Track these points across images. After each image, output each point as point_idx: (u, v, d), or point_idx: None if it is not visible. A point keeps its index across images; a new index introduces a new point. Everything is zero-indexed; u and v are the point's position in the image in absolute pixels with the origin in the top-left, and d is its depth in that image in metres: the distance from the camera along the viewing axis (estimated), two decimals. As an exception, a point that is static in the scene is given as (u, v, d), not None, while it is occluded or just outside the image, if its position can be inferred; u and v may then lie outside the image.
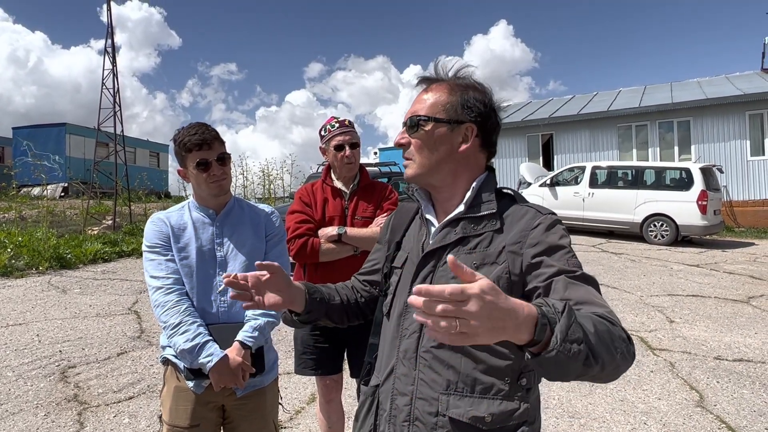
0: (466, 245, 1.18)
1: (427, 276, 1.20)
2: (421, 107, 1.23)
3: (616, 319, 0.97)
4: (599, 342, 0.87)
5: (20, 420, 3.44)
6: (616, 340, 0.92)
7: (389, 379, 1.22)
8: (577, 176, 13.27)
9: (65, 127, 23.46)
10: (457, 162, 1.23)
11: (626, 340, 0.95)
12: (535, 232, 1.13)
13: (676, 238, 11.46)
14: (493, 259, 1.14)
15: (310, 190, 2.62)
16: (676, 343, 5.00)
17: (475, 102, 1.22)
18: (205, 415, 1.87)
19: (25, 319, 5.87)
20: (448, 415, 1.11)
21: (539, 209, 1.19)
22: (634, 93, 20.22)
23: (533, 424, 1.15)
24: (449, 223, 1.22)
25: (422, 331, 1.17)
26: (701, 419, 3.46)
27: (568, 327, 0.82)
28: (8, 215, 13.63)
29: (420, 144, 1.23)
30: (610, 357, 0.88)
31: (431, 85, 1.27)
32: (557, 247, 1.11)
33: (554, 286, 1.06)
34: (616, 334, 0.93)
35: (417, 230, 1.32)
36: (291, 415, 3.58)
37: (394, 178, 11.53)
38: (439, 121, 1.21)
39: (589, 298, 1.03)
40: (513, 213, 1.19)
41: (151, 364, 4.50)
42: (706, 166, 12.04)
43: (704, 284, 7.56)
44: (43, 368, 4.38)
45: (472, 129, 1.22)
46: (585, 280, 1.07)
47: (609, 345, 0.89)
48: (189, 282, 1.87)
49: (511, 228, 1.16)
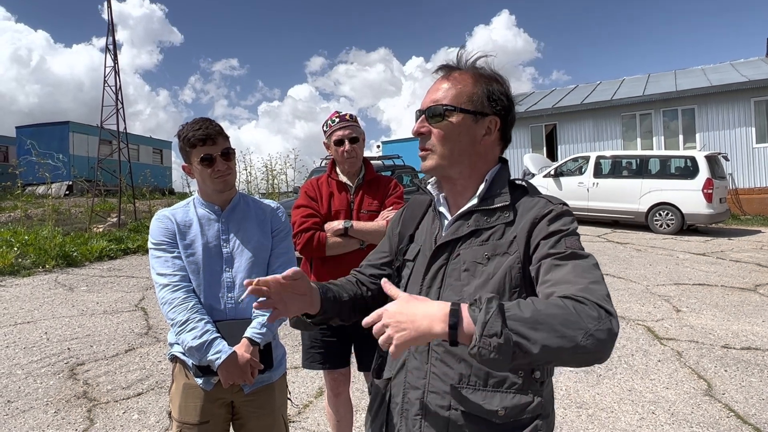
0: (478, 237, 1.17)
1: (440, 268, 1.19)
2: (444, 96, 1.19)
3: (589, 297, 0.93)
4: (534, 329, 0.86)
5: (30, 417, 3.46)
6: (579, 320, 0.88)
7: (401, 373, 1.21)
8: (581, 166, 13.22)
9: (68, 125, 23.49)
10: (477, 155, 1.21)
11: (599, 318, 0.90)
12: (545, 220, 1.12)
13: (682, 226, 11.41)
14: (504, 249, 1.13)
15: (316, 185, 2.61)
16: (683, 332, 4.99)
17: (499, 95, 1.20)
18: (214, 411, 1.87)
19: (33, 317, 5.90)
20: (461, 408, 1.11)
21: (550, 199, 1.17)
22: (638, 81, 20.08)
23: (547, 417, 1.15)
24: (462, 216, 1.21)
25: None
26: (709, 408, 3.46)
27: (485, 322, 0.86)
28: (14, 214, 13.69)
29: (442, 135, 1.19)
30: (561, 340, 0.86)
31: (452, 74, 1.22)
32: (557, 232, 1.10)
33: (541, 269, 1.06)
34: (582, 314, 0.89)
35: (430, 223, 1.31)
36: (299, 409, 3.59)
37: (397, 171, 11.51)
38: (465, 112, 1.18)
39: (566, 278, 1.00)
40: (525, 204, 1.18)
41: (159, 361, 4.52)
42: (712, 154, 11.96)
43: (711, 273, 7.53)
44: (52, 366, 4.40)
45: (496, 122, 1.21)
46: (573, 257, 1.04)
47: (558, 328, 0.86)
48: (196, 279, 1.87)
49: (523, 217, 1.15)
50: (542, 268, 1.06)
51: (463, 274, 1.15)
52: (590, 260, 1.05)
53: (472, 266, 1.14)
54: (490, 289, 1.10)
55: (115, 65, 14.12)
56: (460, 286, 1.15)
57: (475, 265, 1.14)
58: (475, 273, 1.14)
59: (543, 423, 1.12)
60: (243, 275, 1.90)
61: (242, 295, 1.10)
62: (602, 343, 0.89)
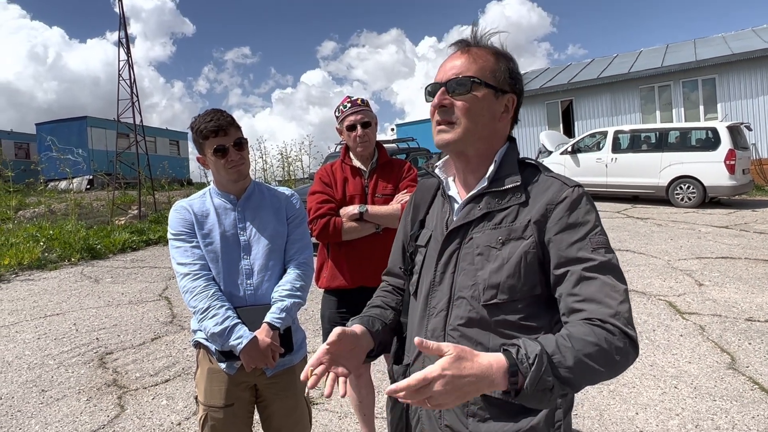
0: (491, 221, 1.15)
1: (453, 253, 1.18)
2: (468, 69, 1.15)
3: (618, 324, 0.99)
4: (580, 373, 0.95)
5: (64, 405, 3.59)
6: (608, 356, 0.97)
7: (419, 359, 1.21)
8: (599, 142, 13.00)
9: (86, 120, 23.83)
10: (494, 132, 1.19)
11: (625, 351, 0.98)
12: (561, 207, 1.10)
13: (704, 199, 11.20)
14: (519, 234, 1.11)
15: (330, 170, 2.63)
16: (705, 306, 4.94)
17: (516, 73, 1.20)
18: (238, 394, 1.92)
19: (62, 309, 6.07)
20: None
21: (565, 181, 1.15)
22: (656, 53, 19.58)
23: (566, 395, 1.14)
24: (473, 199, 1.19)
25: (449, 309, 1.16)
26: (733, 381, 3.43)
27: (537, 380, 0.91)
28: (38, 210, 13.99)
29: (467, 107, 1.15)
30: (597, 376, 0.98)
31: (470, 49, 1.19)
32: (580, 225, 1.08)
33: (567, 277, 1.06)
34: (612, 347, 0.97)
35: (440, 207, 1.28)
36: (322, 391, 3.66)
37: (412, 154, 11.47)
38: (490, 87, 1.15)
39: (596, 296, 1.02)
40: (538, 184, 1.15)
41: (185, 348, 4.63)
42: (734, 124, 11.66)
43: (734, 245, 7.41)
44: (82, 355, 4.54)
45: (513, 100, 1.20)
46: (602, 269, 1.05)
47: (594, 369, 0.96)
48: (215, 267, 1.91)
49: (537, 200, 1.13)
50: (570, 278, 1.05)
51: (476, 258, 1.14)
52: (617, 267, 1.07)
53: (486, 250, 1.13)
54: (505, 274, 1.09)
55: (129, 59, 14.23)
56: (473, 270, 1.14)
57: (489, 249, 1.13)
58: (489, 257, 1.12)
59: (562, 401, 1.13)
60: (261, 262, 1.94)
61: (307, 387, 1.12)
62: (621, 369, 1.01)
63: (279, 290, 1.91)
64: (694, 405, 3.16)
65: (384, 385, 3.52)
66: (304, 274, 1.98)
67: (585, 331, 0.98)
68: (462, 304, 1.14)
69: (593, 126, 16.68)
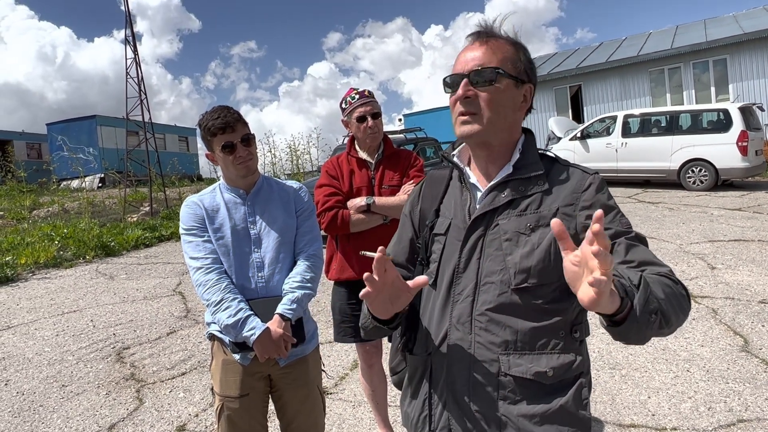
0: (516, 208, 1.17)
1: (479, 239, 1.18)
2: (490, 60, 1.16)
3: (676, 278, 1.04)
4: (670, 307, 0.97)
5: (84, 399, 3.67)
6: (681, 300, 1.01)
7: (442, 346, 1.20)
8: (609, 127, 12.88)
9: (96, 119, 24.03)
10: (514, 122, 1.21)
11: (686, 297, 1.03)
12: (588, 193, 1.14)
13: (716, 182, 11.08)
14: (548, 221, 1.11)
15: (336, 163, 2.65)
16: (718, 289, 4.91)
17: (532, 63, 1.22)
18: (253, 384, 1.96)
19: (79, 306, 6.18)
20: (510, 374, 1.12)
21: (585, 170, 1.19)
22: (666, 34, 19.29)
23: (587, 374, 1.18)
24: (496, 186, 1.20)
25: (476, 295, 1.16)
26: (746, 363, 3.43)
27: (646, 300, 0.92)
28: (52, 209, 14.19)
29: (491, 98, 1.15)
30: (677, 318, 1.00)
31: (488, 40, 1.19)
32: (610, 208, 1.13)
33: (616, 248, 1.08)
34: (680, 294, 1.02)
35: (458, 195, 1.28)
36: (336, 381, 3.71)
37: (420, 144, 11.44)
38: (512, 78, 1.17)
39: (650, 259, 1.07)
40: (558, 174, 1.19)
41: (200, 341, 4.70)
42: (746, 105, 11.48)
43: (747, 228, 7.34)
44: (100, 351, 4.63)
45: (531, 89, 1.22)
46: (639, 240, 1.11)
47: (676, 307, 0.99)
48: (227, 261, 1.94)
49: (561, 189, 1.16)
50: (618, 248, 1.09)
51: (504, 244, 1.15)
52: (647, 241, 1.14)
53: (515, 236, 1.14)
54: (537, 258, 1.11)
55: (136, 56, 14.30)
56: (502, 255, 1.15)
57: (518, 234, 1.14)
58: (519, 243, 1.14)
59: (586, 380, 1.16)
60: (271, 255, 1.97)
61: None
62: (684, 319, 1.04)
63: (290, 282, 1.94)
64: (707, 388, 3.17)
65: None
66: (313, 266, 2.01)
67: (656, 278, 1.01)
68: (490, 288, 1.15)
69: (602, 111, 16.53)
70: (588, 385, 1.16)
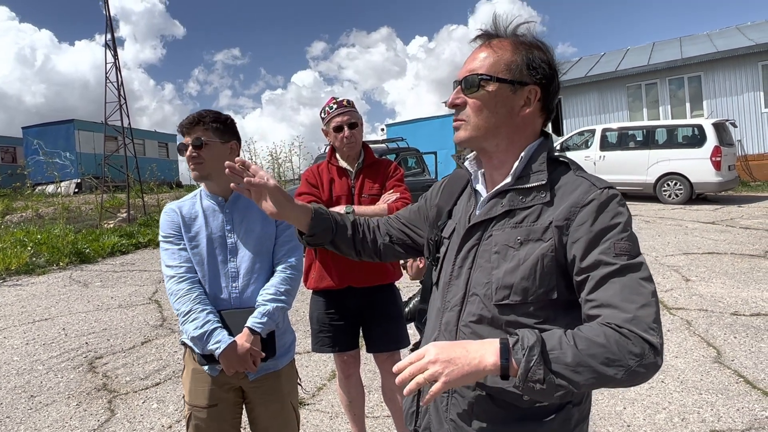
0: (512, 218, 1.12)
1: (472, 248, 1.16)
2: (481, 65, 1.14)
3: (635, 329, 0.94)
4: (577, 373, 0.92)
5: (54, 410, 3.57)
6: (621, 358, 0.92)
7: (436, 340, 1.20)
8: (587, 140, 13.12)
9: (73, 123, 23.60)
10: (516, 127, 1.15)
11: (642, 355, 0.93)
12: (586, 210, 1.04)
13: (691, 196, 11.34)
14: (538, 235, 1.07)
15: (316, 172, 2.64)
16: (692, 301, 5.00)
17: (540, 62, 1.14)
18: (222, 396, 1.92)
19: (51, 314, 6.03)
20: (486, 389, 1.10)
21: (594, 182, 1.09)
22: (643, 51, 19.76)
23: (580, 404, 1.13)
24: (496, 195, 1.16)
25: (463, 305, 1.16)
26: (719, 374, 3.48)
27: (528, 369, 0.92)
28: (25, 214, 13.85)
29: (479, 105, 1.13)
30: (604, 379, 0.93)
31: (490, 42, 1.17)
32: (606, 230, 1.03)
33: (587, 283, 1.02)
34: (624, 351, 0.93)
35: (466, 200, 1.26)
36: (313, 392, 3.67)
37: (402, 154, 11.49)
38: (502, 81, 1.12)
39: (613, 301, 0.98)
40: (565, 184, 1.11)
41: (175, 351, 4.61)
42: (719, 121, 11.81)
43: (720, 241, 7.50)
44: (72, 360, 4.51)
45: (536, 92, 1.14)
46: (623, 273, 1.00)
47: (599, 371, 0.92)
48: (200, 270, 1.91)
49: (562, 201, 1.08)
50: (588, 283, 1.02)
51: (493, 257, 1.12)
52: (642, 271, 1.01)
53: (503, 249, 1.10)
54: (519, 276, 1.07)
55: (116, 61, 14.12)
56: (489, 268, 1.12)
57: (507, 248, 1.10)
58: (506, 257, 1.10)
59: (576, 409, 1.11)
60: (247, 264, 1.94)
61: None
62: (642, 376, 0.95)
63: (263, 294, 1.90)
64: (681, 399, 3.21)
65: (375, 385, 3.53)
66: (290, 278, 1.96)
67: (595, 332, 0.95)
68: (475, 301, 1.13)
69: (581, 124, 16.81)
70: (578, 414, 1.12)
